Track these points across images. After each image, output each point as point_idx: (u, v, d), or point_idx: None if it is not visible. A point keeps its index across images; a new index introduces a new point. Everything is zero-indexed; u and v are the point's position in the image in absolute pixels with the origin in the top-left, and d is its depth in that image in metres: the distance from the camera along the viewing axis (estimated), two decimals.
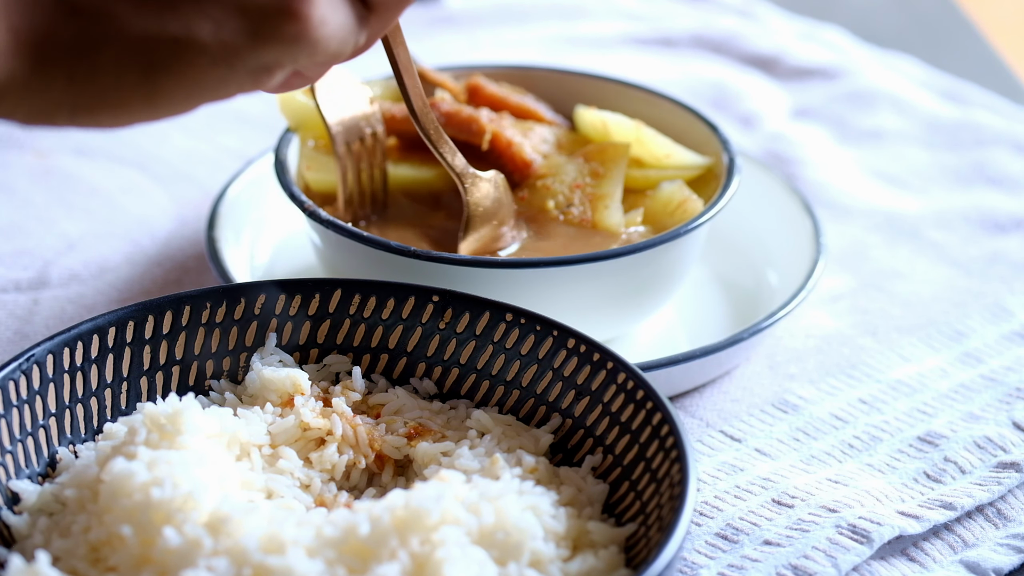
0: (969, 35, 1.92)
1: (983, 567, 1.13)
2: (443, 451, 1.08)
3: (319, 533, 0.96)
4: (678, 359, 1.24)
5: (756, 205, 1.44)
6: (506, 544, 0.97)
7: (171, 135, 1.62)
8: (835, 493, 1.18)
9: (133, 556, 0.96)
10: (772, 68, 1.80)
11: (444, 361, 1.15)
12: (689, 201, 1.30)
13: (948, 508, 1.17)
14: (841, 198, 1.55)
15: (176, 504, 0.96)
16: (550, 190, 1.31)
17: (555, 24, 1.89)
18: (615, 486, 1.07)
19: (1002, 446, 1.24)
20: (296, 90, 1.05)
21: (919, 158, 1.63)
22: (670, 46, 1.85)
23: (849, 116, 1.70)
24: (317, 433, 1.09)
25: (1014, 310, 1.40)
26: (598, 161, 1.32)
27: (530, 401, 1.12)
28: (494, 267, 1.21)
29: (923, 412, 1.28)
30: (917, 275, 1.45)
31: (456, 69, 1.44)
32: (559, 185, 1.31)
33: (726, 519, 1.16)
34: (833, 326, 1.37)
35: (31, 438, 1.06)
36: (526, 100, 1.40)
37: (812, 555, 1.12)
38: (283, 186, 1.29)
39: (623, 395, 1.08)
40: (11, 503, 1.04)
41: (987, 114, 1.70)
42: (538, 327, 1.12)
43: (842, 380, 1.31)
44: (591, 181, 1.31)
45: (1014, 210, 1.53)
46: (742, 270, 1.42)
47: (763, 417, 1.27)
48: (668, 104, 1.41)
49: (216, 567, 0.94)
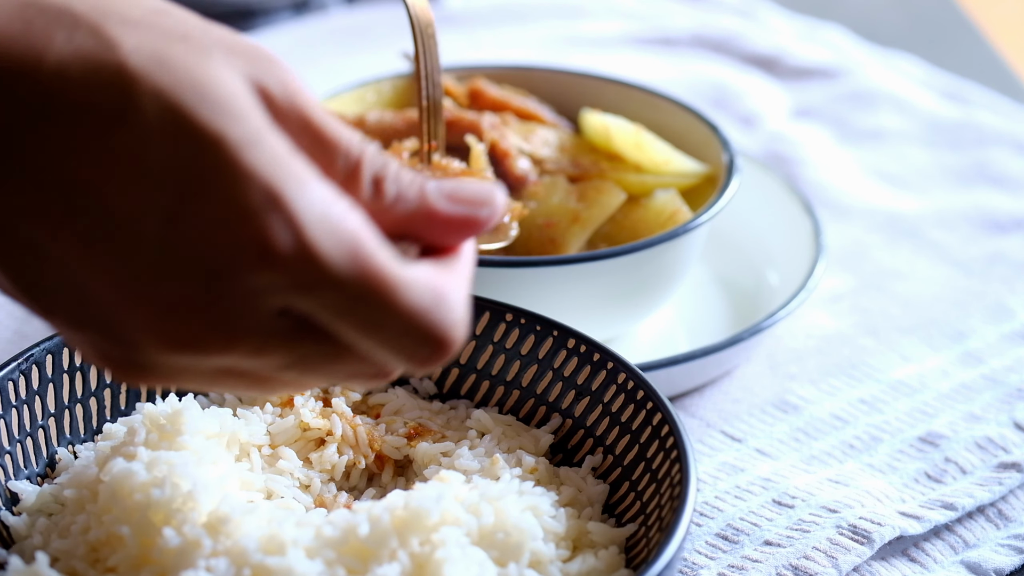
0: (969, 35, 1.92)
1: (984, 568, 1.13)
2: (443, 451, 1.08)
3: (319, 533, 0.96)
4: (678, 359, 1.23)
5: (756, 205, 1.43)
6: (506, 545, 0.97)
7: None
8: (836, 493, 1.17)
9: (132, 556, 0.96)
10: (772, 68, 1.80)
11: None
12: (680, 212, 1.30)
13: (949, 508, 1.17)
14: (841, 198, 1.55)
15: (175, 504, 0.96)
16: (529, 212, 1.29)
17: (555, 24, 1.89)
18: (615, 486, 1.07)
19: (1003, 446, 1.23)
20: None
21: (920, 158, 1.63)
22: (670, 46, 1.85)
23: (849, 116, 1.70)
24: (317, 433, 1.09)
25: (1015, 310, 1.40)
26: (590, 198, 1.31)
27: (530, 401, 1.12)
28: (494, 267, 1.21)
29: (924, 412, 1.28)
30: (918, 275, 1.45)
31: (457, 69, 1.44)
32: (539, 208, 1.30)
33: (726, 519, 1.16)
34: (833, 326, 1.37)
35: (30, 438, 1.06)
36: (528, 103, 1.40)
37: (812, 555, 1.12)
38: None
39: (623, 395, 1.08)
40: (10, 503, 1.04)
41: (988, 114, 1.69)
42: (538, 327, 1.12)
43: (842, 380, 1.31)
44: (569, 210, 1.30)
45: (1015, 210, 1.53)
46: (742, 270, 1.42)
47: (763, 417, 1.27)
48: (668, 105, 1.41)
49: (216, 567, 0.94)
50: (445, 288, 0.86)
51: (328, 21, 1.86)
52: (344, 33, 1.84)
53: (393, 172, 0.88)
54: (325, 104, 1.37)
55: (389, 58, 1.63)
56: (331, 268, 0.83)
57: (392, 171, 0.88)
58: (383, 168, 0.88)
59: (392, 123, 1.34)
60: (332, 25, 1.85)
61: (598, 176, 1.33)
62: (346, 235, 0.83)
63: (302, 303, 0.84)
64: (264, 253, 0.82)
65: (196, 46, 0.85)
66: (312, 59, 1.78)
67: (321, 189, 0.83)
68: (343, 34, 1.84)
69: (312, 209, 0.82)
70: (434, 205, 0.88)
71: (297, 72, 0.88)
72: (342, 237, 0.83)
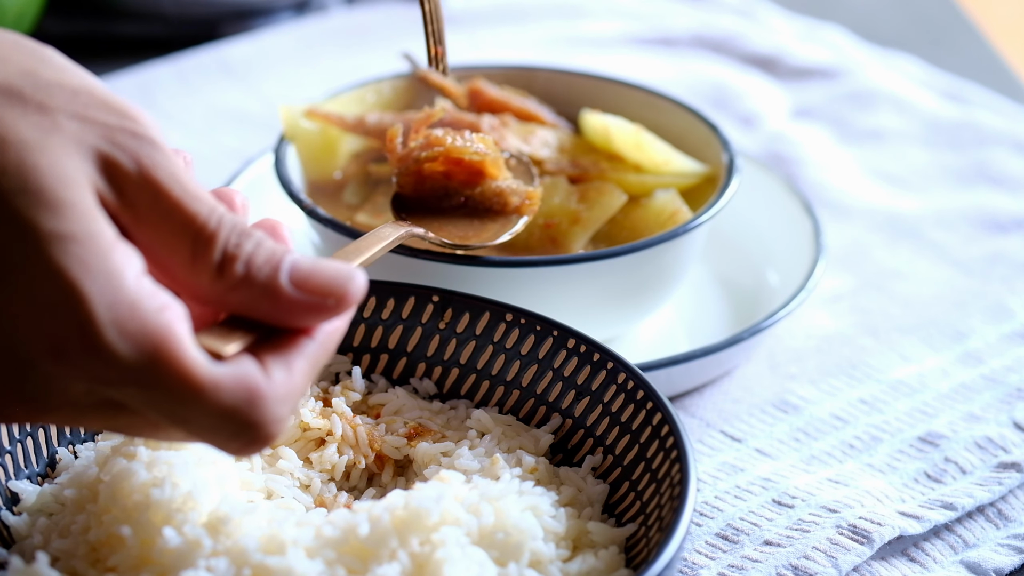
0: (969, 35, 1.92)
1: (984, 567, 1.13)
2: (443, 451, 1.08)
3: (319, 533, 0.96)
4: (678, 359, 1.23)
5: (756, 205, 1.43)
6: (506, 544, 0.97)
7: (171, 135, 1.62)
8: (835, 493, 1.17)
9: (133, 556, 0.96)
10: (772, 68, 1.80)
11: (444, 361, 1.15)
12: (680, 212, 1.30)
13: (949, 508, 1.17)
14: (841, 198, 1.55)
15: (176, 504, 0.96)
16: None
17: (555, 24, 1.89)
18: (615, 486, 1.07)
19: (1003, 446, 1.23)
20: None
21: (919, 158, 1.63)
22: (670, 46, 1.85)
23: (849, 116, 1.70)
24: (317, 433, 1.09)
25: (1015, 310, 1.40)
26: (591, 199, 1.31)
27: (530, 401, 1.12)
28: (494, 267, 1.21)
29: (923, 412, 1.28)
30: (917, 275, 1.45)
31: (457, 69, 1.44)
32: (541, 208, 1.29)
33: (726, 519, 1.16)
34: (833, 326, 1.37)
35: (31, 438, 1.06)
36: (528, 103, 1.40)
37: (812, 555, 1.12)
38: (283, 185, 1.29)
39: (623, 395, 1.08)
40: (10, 503, 1.04)
41: (988, 114, 1.70)
42: (538, 327, 1.12)
43: (842, 380, 1.31)
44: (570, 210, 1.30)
45: (1015, 210, 1.53)
46: (742, 270, 1.42)
47: (763, 417, 1.27)
48: (668, 105, 1.41)
49: (216, 567, 0.94)
50: (259, 387, 0.87)
51: (328, 21, 1.86)
52: (344, 33, 1.84)
53: (247, 252, 0.89)
54: (328, 107, 1.37)
55: (389, 58, 1.63)
56: (126, 368, 0.84)
57: (246, 250, 0.89)
58: (236, 247, 0.88)
59: (392, 124, 1.34)
60: (332, 25, 1.85)
61: (598, 176, 1.33)
62: (147, 336, 0.84)
63: (106, 392, 0.86)
64: (56, 350, 0.84)
65: (44, 118, 0.86)
66: (312, 59, 1.78)
67: (130, 286, 0.85)
68: (343, 34, 1.84)
69: (110, 310, 0.84)
70: (281, 290, 0.89)
71: (162, 140, 0.88)
72: (141, 338, 0.84)
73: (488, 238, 1.22)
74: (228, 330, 0.89)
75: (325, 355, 0.92)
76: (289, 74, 1.75)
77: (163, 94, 1.70)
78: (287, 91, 1.70)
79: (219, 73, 1.74)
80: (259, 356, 0.89)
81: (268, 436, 0.88)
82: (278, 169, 1.30)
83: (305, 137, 1.35)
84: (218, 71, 1.74)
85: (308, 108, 1.35)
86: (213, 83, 1.72)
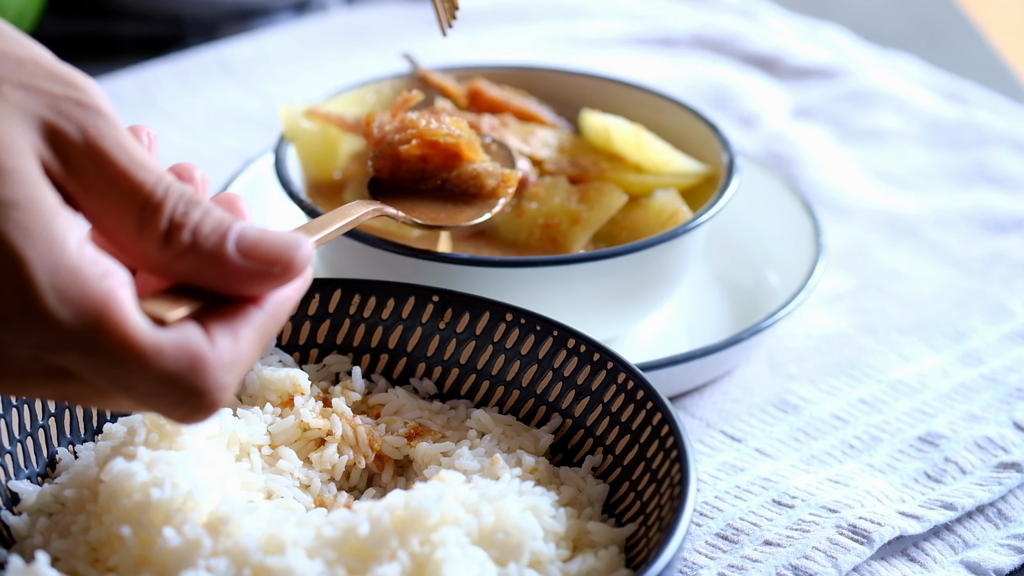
0: (969, 35, 1.92)
1: (984, 567, 1.13)
2: (443, 451, 1.08)
3: (319, 533, 0.96)
4: (678, 359, 1.23)
5: (756, 205, 1.43)
6: (506, 544, 0.97)
7: (170, 135, 1.62)
8: (835, 493, 1.18)
9: (133, 556, 0.96)
10: (772, 68, 1.80)
11: (444, 361, 1.15)
12: (680, 212, 1.30)
13: (949, 508, 1.17)
14: (841, 198, 1.55)
15: (176, 504, 0.96)
16: (530, 212, 1.29)
17: (555, 24, 1.89)
18: (615, 486, 1.07)
19: (1003, 446, 1.23)
20: None
21: (919, 158, 1.63)
22: (670, 46, 1.85)
23: (849, 116, 1.70)
24: (317, 433, 1.09)
25: (1015, 310, 1.40)
26: (591, 199, 1.30)
27: (530, 401, 1.12)
28: (494, 267, 1.21)
29: (923, 412, 1.28)
30: (917, 275, 1.45)
31: (457, 69, 1.44)
32: (541, 208, 1.29)
33: (726, 519, 1.16)
34: (833, 326, 1.37)
35: (30, 438, 1.06)
36: (528, 103, 1.40)
37: (812, 555, 1.12)
38: (283, 185, 1.29)
39: (623, 395, 1.08)
40: (10, 503, 1.04)
41: (988, 114, 1.69)
42: (538, 327, 1.12)
43: (842, 380, 1.31)
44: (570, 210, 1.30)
45: (1015, 210, 1.53)
46: (742, 270, 1.42)
47: (763, 417, 1.27)
48: (669, 105, 1.41)
49: (216, 567, 0.94)
50: (203, 353, 0.87)
51: (328, 21, 1.86)
52: (344, 33, 1.84)
53: (194, 220, 0.89)
54: (328, 107, 1.37)
55: (389, 58, 1.63)
56: (68, 333, 0.84)
57: (193, 219, 0.89)
58: (183, 216, 0.89)
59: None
60: (332, 25, 1.85)
61: (598, 177, 1.33)
62: (89, 302, 0.84)
63: (50, 359, 0.86)
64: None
65: None
66: (312, 59, 1.78)
67: (72, 252, 0.85)
68: (343, 34, 1.84)
69: (51, 275, 0.84)
70: (227, 257, 0.89)
71: (109, 110, 0.88)
72: (82, 303, 0.84)
73: (463, 220, 1.22)
74: (174, 297, 0.89)
75: (275, 324, 0.91)
76: (289, 74, 1.75)
77: (163, 94, 1.70)
78: (287, 91, 1.70)
79: (219, 73, 1.74)
80: (204, 323, 0.89)
81: (213, 403, 0.88)
82: (278, 169, 1.30)
83: (305, 137, 1.35)
84: (218, 71, 1.74)
85: (308, 108, 1.35)
86: (213, 83, 1.72)
